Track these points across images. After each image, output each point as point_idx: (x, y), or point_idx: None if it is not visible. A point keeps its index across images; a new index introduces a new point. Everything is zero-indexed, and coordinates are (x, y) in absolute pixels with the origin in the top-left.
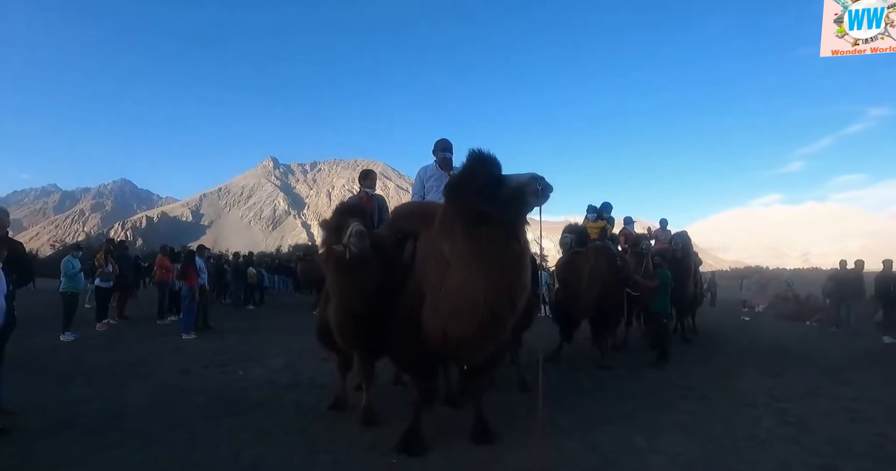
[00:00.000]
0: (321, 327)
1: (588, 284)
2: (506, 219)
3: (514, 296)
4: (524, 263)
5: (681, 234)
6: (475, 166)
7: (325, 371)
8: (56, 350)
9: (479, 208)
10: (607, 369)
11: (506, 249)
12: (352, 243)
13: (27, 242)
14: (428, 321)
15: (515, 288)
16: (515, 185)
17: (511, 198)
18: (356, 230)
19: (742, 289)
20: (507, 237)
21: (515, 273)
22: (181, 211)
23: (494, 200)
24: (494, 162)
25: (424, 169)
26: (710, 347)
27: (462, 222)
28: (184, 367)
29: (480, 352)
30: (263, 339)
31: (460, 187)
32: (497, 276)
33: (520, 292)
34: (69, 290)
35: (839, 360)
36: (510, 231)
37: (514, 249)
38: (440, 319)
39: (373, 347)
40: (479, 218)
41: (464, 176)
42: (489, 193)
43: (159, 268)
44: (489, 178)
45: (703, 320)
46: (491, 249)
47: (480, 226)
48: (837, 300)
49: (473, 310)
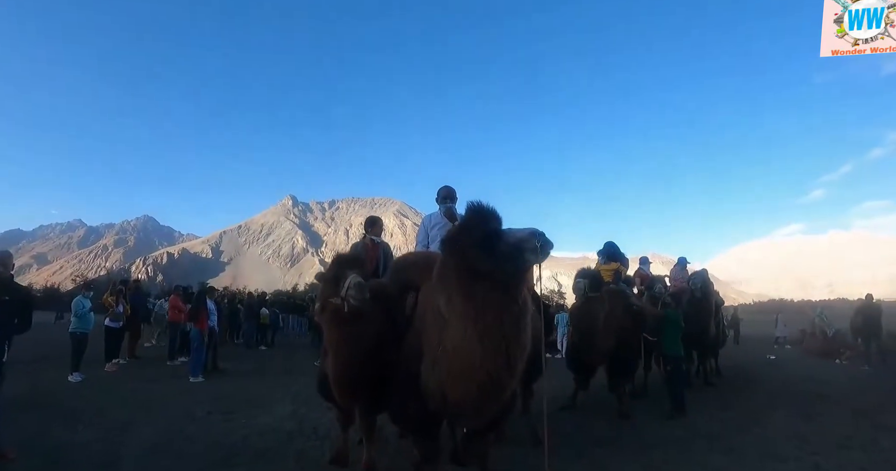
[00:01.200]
0: (321, 380)
1: (604, 330)
2: (502, 276)
3: (513, 360)
4: (523, 324)
5: (699, 272)
6: (472, 219)
7: (330, 420)
8: (63, 390)
9: (475, 264)
10: (627, 418)
11: (503, 309)
12: (350, 296)
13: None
14: (427, 380)
15: (513, 352)
16: (513, 241)
17: (508, 254)
18: (355, 282)
19: (777, 324)
20: (504, 296)
21: (513, 335)
22: (201, 248)
23: (491, 256)
24: (493, 215)
25: (429, 217)
26: (735, 390)
27: (458, 278)
28: (188, 412)
29: (480, 416)
30: (272, 382)
31: (456, 240)
32: (493, 338)
33: (519, 356)
34: (79, 330)
35: (873, 403)
36: (507, 290)
37: (511, 309)
38: (438, 379)
39: (374, 403)
40: (475, 274)
41: (461, 229)
42: (486, 248)
43: (172, 308)
44: (486, 232)
45: (727, 360)
46: (487, 309)
47: (476, 283)
48: (867, 337)
49: (470, 374)
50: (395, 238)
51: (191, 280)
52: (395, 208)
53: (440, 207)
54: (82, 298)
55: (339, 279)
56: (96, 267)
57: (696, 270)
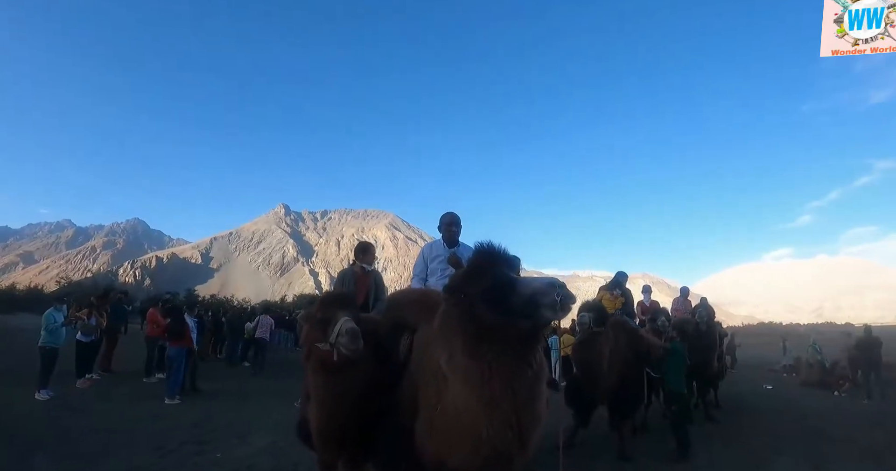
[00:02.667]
0: (301, 424)
1: (609, 367)
2: (515, 334)
3: (525, 433)
4: (538, 392)
5: (704, 304)
6: (482, 264)
7: (310, 458)
8: (29, 411)
9: (483, 319)
10: (627, 460)
11: (514, 375)
12: (341, 344)
13: (36, 276)
14: (422, 442)
15: (526, 423)
16: (529, 293)
17: (523, 308)
18: (347, 328)
19: (785, 352)
20: (518, 359)
21: (526, 404)
22: (191, 253)
23: (502, 311)
24: (506, 261)
25: (430, 246)
26: (737, 426)
27: (463, 333)
28: (158, 442)
29: None
30: (253, 406)
31: (461, 289)
32: (502, 408)
33: (532, 428)
34: (48, 344)
35: (880, 441)
36: (520, 351)
37: (524, 373)
38: (436, 443)
39: (360, 454)
40: (483, 331)
41: (467, 276)
42: (497, 301)
43: (150, 323)
44: (498, 281)
45: (723, 389)
46: (495, 374)
47: (484, 341)
48: (866, 370)
49: (474, 445)
50: (386, 251)
51: (179, 286)
52: (387, 221)
53: (442, 235)
54: (54, 312)
55: (328, 322)
56: (83, 269)
57: (698, 298)
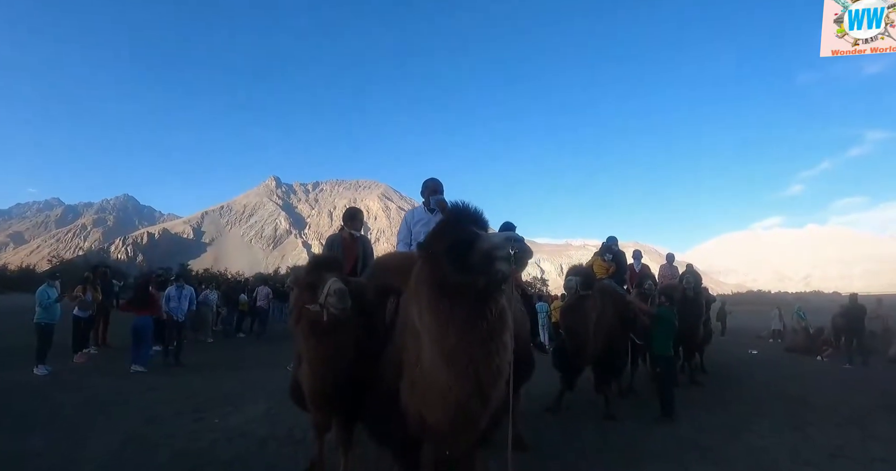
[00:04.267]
0: (294, 388)
1: (595, 331)
2: (471, 290)
3: (484, 387)
4: (495, 346)
5: (691, 271)
6: (446, 223)
7: (304, 421)
8: (25, 387)
9: (445, 275)
10: (613, 420)
11: (471, 329)
12: (330, 304)
13: (27, 256)
14: (406, 401)
15: (484, 377)
16: (486, 248)
17: (478, 264)
18: (335, 288)
19: (780, 319)
20: (473, 313)
21: (484, 358)
22: (183, 228)
23: (460, 266)
24: (471, 218)
25: (412, 212)
26: (721, 391)
27: (428, 290)
28: (154, 412)
29: (457, 445)
30: (247, 375)
31: (429, 245)
32: (458, 362)
33: (491, 382)
34: (43, 320)
35: (862, 407)
36: (477, 306)
37: (479, 327)
38: (416, 401)
39: (352, 414)
40: (444, 287)
41: (433, 234)
42: (456, 257)
43: None
44: (458, 237)
45: (709, 355)
46: (452, 328)
47: (444, 297)
48: (850, 336)
49: (440, 401)
50: (379, 221)
51: (171, 261)
52: (379, 191)
53: (425, 201)
54: (47, 288)
55: (316, 285)
56: (74, 247)
57: (685, 265)
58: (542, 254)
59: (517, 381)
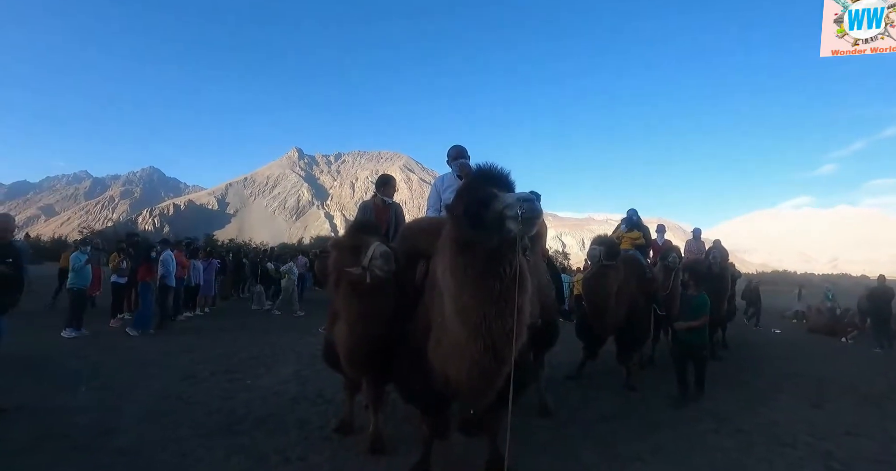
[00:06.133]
0: (327, 349)
1: (617, 301)
2: (485, 249)
3: (497, 345)
4: (510, 305)
5: (718, 246)
6: (469, 184)
7: (334, 383)
8: (63, 348)
9: (463, 234)
10: (633, 390)
11: (484, 288)
12: (376, 266)
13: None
14: (432, 359)
15: (496, 336)
16: (500, 207)
17: (490, 223)
18: (381, 251)
19: (799, 298)
20: (487, 272)
21: (496, 317)
22: (207, 199)
23: (477, 226)
24: (494, 179)
25: (441, 178)
26: (742, 368)
27: (450, 249)
28: (190, 372)
29: (479, 400)
30: (276, 339)
31: (454, 207)
32: (473, 320)
33: (503, 341)
34: (76, 285)
35: (882, 388)
36: (491, 265)
37: (493, 287)
38: (440, 359)
39: (383, 374)
40: (462, 245)
41: (458, 193)
42: (472, 216)
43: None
44: (476, 196)
45: (731, 332)
46: (466, 286)
47: (461, 255)
48: (876, 319)
49: (459, 355)
50: (400, 193)
51: (197, 232)
52: (401, 163)
53: (452, 167)
54: (79, 254)
55: (359, 248)
56: (103, 218)
57: (711, 241)
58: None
59: (541, 346)
